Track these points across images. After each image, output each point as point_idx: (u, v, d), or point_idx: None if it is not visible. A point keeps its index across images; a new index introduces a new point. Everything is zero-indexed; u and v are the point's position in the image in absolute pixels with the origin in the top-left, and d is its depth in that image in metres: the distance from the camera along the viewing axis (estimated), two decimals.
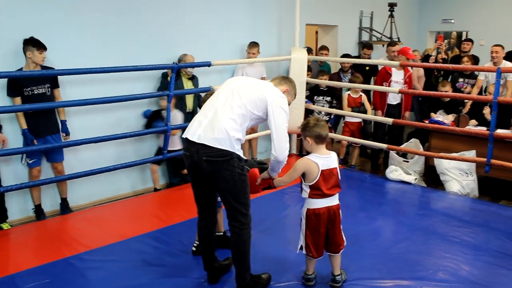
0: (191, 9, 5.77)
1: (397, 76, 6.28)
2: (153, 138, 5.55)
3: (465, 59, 6.73)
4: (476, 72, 6.67)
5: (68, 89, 4.79)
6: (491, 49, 6.38)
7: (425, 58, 7.69)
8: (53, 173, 4.76)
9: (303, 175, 3.09)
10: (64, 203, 4.86)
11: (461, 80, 6.74)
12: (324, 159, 3.04)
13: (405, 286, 3.30)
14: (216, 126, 2.83)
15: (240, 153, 2.90)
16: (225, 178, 2.87)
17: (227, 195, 2.95)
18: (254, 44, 6.17)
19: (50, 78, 4.57)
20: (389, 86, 6.25)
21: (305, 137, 3.07)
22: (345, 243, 3.24)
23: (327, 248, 3.21)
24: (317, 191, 3.05)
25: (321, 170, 3.02)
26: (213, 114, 2.89)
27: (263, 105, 2.93)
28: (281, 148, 2.96)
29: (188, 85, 5.60)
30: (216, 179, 2.90)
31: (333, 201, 3.11)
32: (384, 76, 6.37)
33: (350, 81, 6.58)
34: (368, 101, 6.51)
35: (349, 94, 6.44)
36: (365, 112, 6.35)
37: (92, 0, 4.87)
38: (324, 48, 7.20)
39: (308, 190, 3.07)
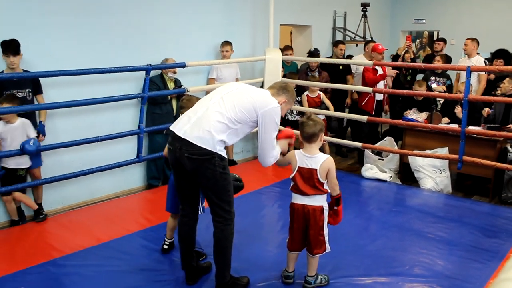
0: (165, 10, 5.72)
1: (380, 72, 6.37)
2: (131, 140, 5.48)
3: (437, 58, 6.87)
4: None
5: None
6: (465, 41, 6.77)
7: (394, 58, 7.82)
8: (30, 178, 4.67)
9: None
10: (38, 209, 4.77)
11: (432, 78, 6.87)
12: (305, 158, 3.08)
13: (382, 282, 3.34)
14: (203, 125, 2.86)
15: (222, 153, 2.92)
16: (207, 176, 2.90)
17: (209, 192, 2.99)
18: (226, 43, 6.16)
19: (32, 83, 4.50)
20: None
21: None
22: (326, 250, 3.18)
23: (306, 246, 3.23)
24: (294, 186, 3.13)
25: (298, 167, 3.08)
26: (203, 113, 2.92)
27: (254, 115, 2.95)
28: (265, 155, 3.05)
29: (172, 88, 5.57)
30: (198, 176, 2.94)
31: (310, 201, 3.09)
32: (373, 72, 6.32)
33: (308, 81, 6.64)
34: (328, 99, 6.62)
35: (307, 95, 6.50)
36: (327, 109, 6.48)
37: (66, 1, 4.78)
38: (288, 48, 7.25)
39: (291, 183, 3.17)
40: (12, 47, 4.26)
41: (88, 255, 3.75)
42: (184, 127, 2.92)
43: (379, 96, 6.46)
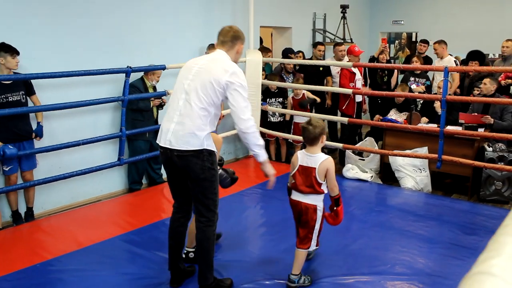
0: (145, 13, 5.69)
1: (358, 74, 6.44)
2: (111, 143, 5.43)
3: (415, 59, 6.98)
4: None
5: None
6: (433, 46, 7.04)
7: (371, 60, 7.90)
8: (22, 181, 4.64)
9: None
10: (29, 212, 4.74)
11: (412, 79, 6.96)
12: (307, 157, 3.21)
13: (365, 281, 3.37)
14: (184, 131, 2.88)
15: (211, 147, 2.96)
16: (195, 171, 2.92)
17: (196, 188, 3.00)
18: (213, 46, 6.13)
19: (24, 85, 4.50)
20: (355, 85, 6.40)
21: None
22: (309, 248, 3.27)
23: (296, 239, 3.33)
24: (293, 182, 3.27)
25: (299, 165, 3.22)
26: (178, 117, 2.92)
27: (221, 93, 2.94)
28: (243, 118, 2.96)
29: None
30: (187, 172, 2.96)
31: (305, 199, 3.20)
32: (350, 76, 6.41)
33: (294, 82, 6.68)
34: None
35: (292, 97, 6.53)
36: (311, 111, 6.53)
37: (44, 3, 4.73)
38: (264, 49, 7.28)
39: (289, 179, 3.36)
40: (14, 48, 4.31)
41: (70, 260, 3.70)
42: (167, 138, 2.94)
43: (358, 98, 6.52)
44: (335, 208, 3.28)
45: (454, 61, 6.95)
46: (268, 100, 6.63)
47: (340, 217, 3.30)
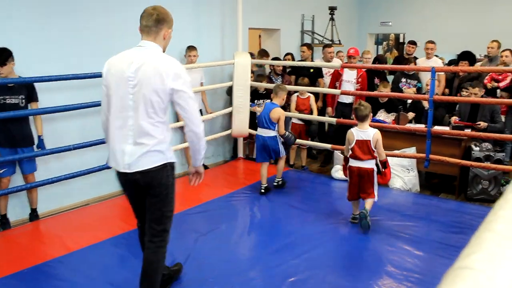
0: (133, 16, 5.65)
1: (349, 75, 6.47)
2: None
3: (411, 60, 7.06)
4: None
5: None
6: (425, 45, 7.05)
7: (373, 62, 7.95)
8: (25, 183, 4.64)
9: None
10: (33, 213, 4.74)
11: (403, 80, 7.00)
12: (360, 132, 4.22)
13: (354, 281, 3.39)
14: (144, 150, 2.64)
15: (173, 159, 2.79)
16: (158, 187, 2.73)
17: (157, 205, 2.77)
18: (193, 47, 6.13)
19: (26, 90, 4.46)
20: (340, 85, 6.45)
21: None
22: (375, 198, 4.26)
23: (361, 195, 4.31)
24: (352, 154, 4.24)
25: (356, 140, 4.20)
26: (133, 138, 2.65)
27: (168, 100, 2.67)
28: (197, 122, 2.73)
29: None
30: (150, 188, 2.74)
31: (364, 164, 4.20)
32: (336, 76, 6.57)
33: (298, 84, 6.63)
34: (314, 102, 6.60)
35: (298, 96, 6.51)
36: (311, 113, 6.47)
37: (30, 5, 4.69)
38: (264, 53, 7.30)
39: (350, 152, 4.28)
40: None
41: (59, 264, 3.67)
42: (124, 161, 2.68)
43: (347, 99, 6.55)
44: (383, 170, 4.27)
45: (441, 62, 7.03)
46: (256, 101, 6.64)
47: (388, 176, 4.37)
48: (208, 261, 3.66)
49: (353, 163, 4.26)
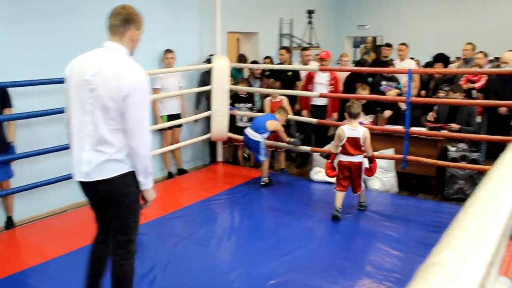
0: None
1: (321, 78, 6.50)
2: None
3: (389, 63, 7.15)
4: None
5: None
6: (398, 47, 7.24)
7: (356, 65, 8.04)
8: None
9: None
10: (9, 221, 4.64)
11: (384, 83, 7.06)
12: (351, 130, 4.54)
13: (333, 282, 3.40)
14: (103, 158, 2.49)
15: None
16: (120, 197, 2.58)
17: (119, 214, 2.62)
18: (170, 51, 6.10)
19: (0, 96, 4.37)
20: (313, 87, 6.49)
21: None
22: (362, 189, 4.75)
23: (352, 188, 4.72)
24: (342, 150, 4.60)
25: (347, 137, 4.52)
26: (90, 144, 2.51)
27: (122, 103, 2.45)
28: (143, 138, 2.52)
29: None
30: (111, 198, 2.60)
31: (354, 159, 4.57)
32: (309, 79, 6.62)
33: (270, 87, 6.65)
34: (289, 104, 6.61)
35: (270, 100, 6.53)
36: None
37: (5, 9, 4.62)
38: (243, 58, 7.30)
39: (340, 148, 4.63)
40: None
41: (34, 273, 3.60)
42: (81, 168, 2.54)
43: (321, 101, 6.59)
44: (370, 164, 4.71)
45: (415, 63, 7.13)
46: (236, 105, 6.63)
47: (374, 171, 4.78)
48: (188, 265, 3.64)
49: (344, 158, 4.61)
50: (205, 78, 6.59)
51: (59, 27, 5.09)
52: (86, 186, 2.64)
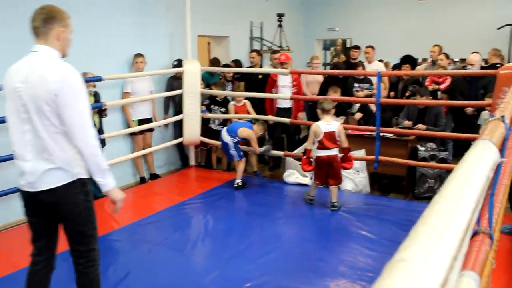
0: (79, 24, 5.50)
1: (284, 81, 6.55)
2: None
3: (360, 68, 7.25)
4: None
5: None
6: (364, 50, 7.40)
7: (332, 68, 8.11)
8: None
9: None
10: None
11: (356, 85, 7.15)
12: (326, 125, 4.74)
13: (308, 283, 3.42)
14: (46, 167, 2.41)
15: (82, 176, 2.50)
16: (67, 207, 2.48)
17: (71, 228, 2.55)
18: (140, 55, 6.04)
19: None
20: (277, 91, 6.53)
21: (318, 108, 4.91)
22: (342, 182, 5.00)
23: (329, 181, 4.86)
24: (320, 145, 4.75)
25: (324, 132, 4.69)
26: (32, 154, 2.42)
27: (55, 105, 2.36)
28: (88, 138, 2.41)
29: (92, 101, 5.36)
30: (57, 209, 2.49)
31: (331, 152, 4.76)
32: (271, 83, 6.64)
33: (233, 90, 6.70)
34: (253, 108, 6.61)
35: (234, 104, 6.53)
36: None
37: None
38: (216, 61, 7.29)
39: (317, 144, 4.76)
40: None
41: (4, 283, 3.52)
42: (26, 179, 2.45)
43: (286, 104, 6.62)
44: (348, 155, 4.88)
45: (385, 66, 7.27)
46: (212, 107, 6.58)
47: (351, 162, 4.95)
48: (163, 271, 3.61)
49: (321, 153, 4.78)
50: (173, 83, 6.56)
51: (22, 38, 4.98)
52: (31, 197, 2.50)
